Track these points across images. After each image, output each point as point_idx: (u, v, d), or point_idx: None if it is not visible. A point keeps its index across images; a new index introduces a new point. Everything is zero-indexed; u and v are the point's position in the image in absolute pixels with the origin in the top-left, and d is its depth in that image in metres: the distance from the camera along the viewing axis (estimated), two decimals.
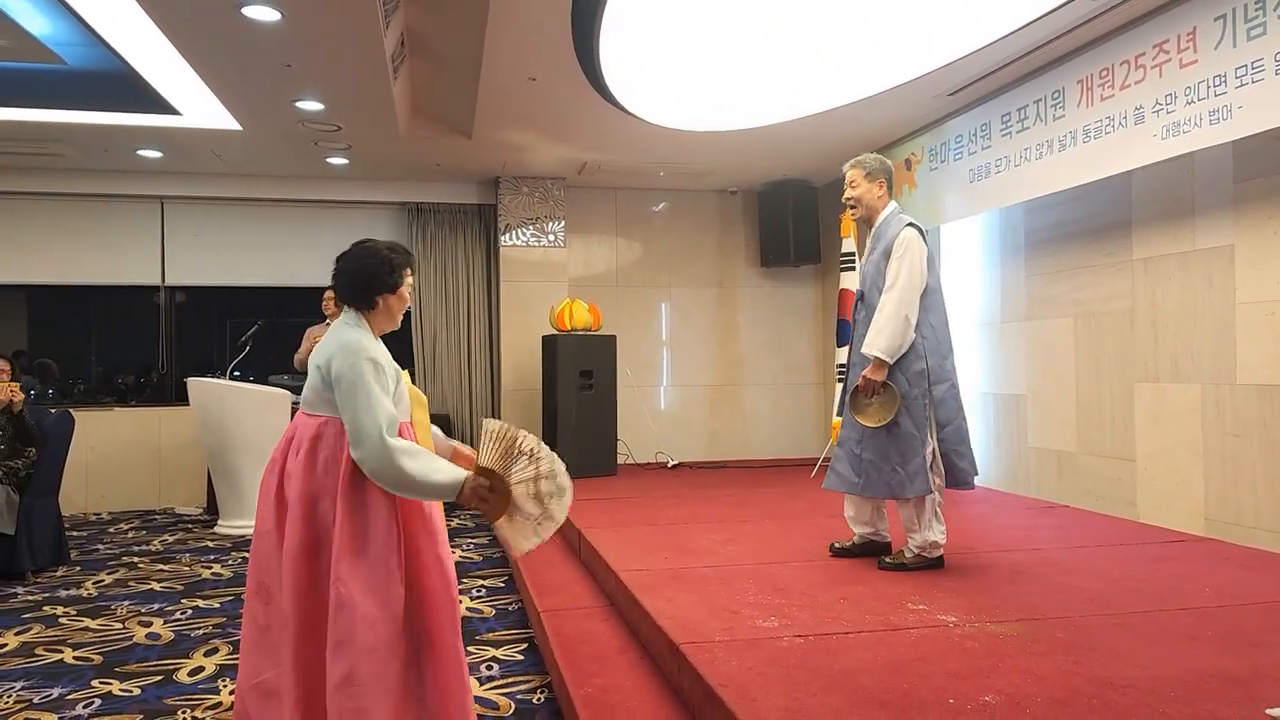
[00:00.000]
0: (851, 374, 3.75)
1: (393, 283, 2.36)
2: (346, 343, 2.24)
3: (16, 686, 3.31)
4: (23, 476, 5.09)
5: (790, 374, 8.52)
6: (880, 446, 3.58)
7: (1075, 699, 2.22)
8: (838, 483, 3.77)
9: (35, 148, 6.54)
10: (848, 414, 3.71)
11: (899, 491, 3.56)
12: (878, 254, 3.68)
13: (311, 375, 2.28)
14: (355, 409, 2.16)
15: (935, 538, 3.62)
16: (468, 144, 6.64)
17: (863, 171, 3.75)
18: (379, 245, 2.38)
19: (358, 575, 2.16)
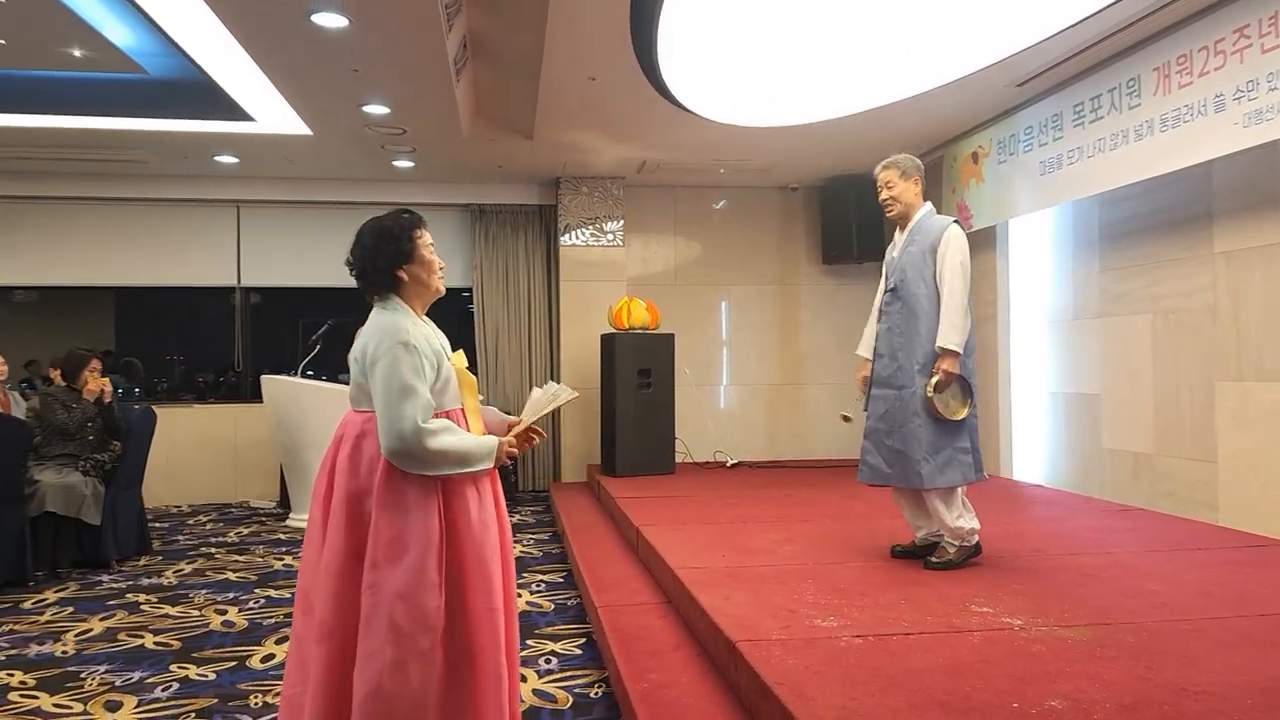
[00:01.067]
0: (878, 364, 3.77)
1: (404, 250, 2.18)
2: (379, 327, 2.12)
3: (100, 670, 3.46)
4: (109, 469, 5.32)
5: (854, 373, 8.37)
6: (915, 436, 3.56)
7: (1145, 705, 2.14)
8: (870, 475, 3.77)
9: (120, 154, 6.83)
10: (874, 405, 3.75)
11: (930, 482, 3.54)
12: (917, 250, 3.68)
13: (352, 369, 2.17)
14: (384, 395, 2.03)
15: (969, 525, 3.62)
16: (529, 145, 6.72)
17: (897, 172, 3.77)
18: (382, 218, 2.22)
19: (391, 583, 2.01)
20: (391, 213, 2.24)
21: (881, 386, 3.74)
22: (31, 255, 7.64)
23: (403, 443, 2.01)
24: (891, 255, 3.83)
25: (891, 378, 3.69)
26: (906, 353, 3.64)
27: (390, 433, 2.02)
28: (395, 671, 1.99)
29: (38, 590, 4.72)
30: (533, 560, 5.38)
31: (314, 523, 2.18)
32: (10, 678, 3.37)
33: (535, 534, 6.22)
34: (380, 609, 2.00)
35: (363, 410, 2.15)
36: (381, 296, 2.21)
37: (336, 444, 2.18)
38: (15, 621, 4.15)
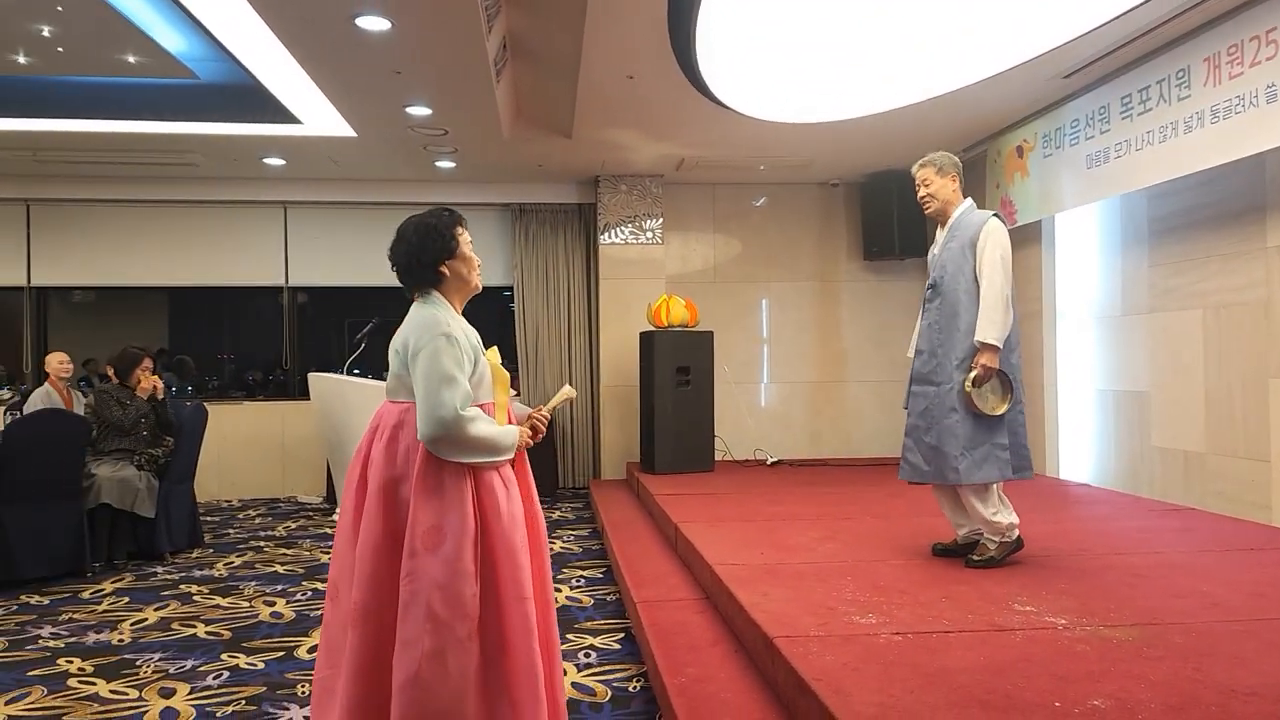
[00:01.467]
0: (918, 361, 3.75)
1: (449, 246, 2.24)
2: (422, 320, 2.16)
3: (155, 658, 3.57)
4: (162, 464, 5.48)
5: (896, 370, 8.29)
6: (951, 432, 3.53)
7: (1192, 705, 2.10)
8: (910, 473, 3.75)
9: (173, 158, 7.01)
10: (914, 402, 3.73)
11: (964, 478, 3.50)
12: (956, 245, 3.65)
13: (393, 362, 2.20)
14: (426, 384, 2.07)
15: (1006, 520, 3.59)
16: (568, 144, 6.76)
17: (933, 169, 3.75)
18: (421, 216, 2.26)
19: (430, 573, 2.04)
20: (433, 210, 2.28)
21: (921, 383, 3.72)
22: (89, 257, 7.89)
23: (444, 428, 2.05)
24: (933, 252, 3.82)
25: (931, 374, 3.67)
26: (945, 349, 3.62)
27: (431, 419, 2.05)
28: (433, 660, 2.02)
29: (96, 581, 4.87)
30: (573, 556, 5.42)
31: (345, 511, 2.22)
32: (69, 664, 3.49)
33: (575, 530, 6.27)
34: (419, 597, 2.03)
35: (399, 401, 2.19)
36: (423, 292, 2.25)
37: (372, 434, 2.22)
38: (74, 610, 4.29)
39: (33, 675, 3.38)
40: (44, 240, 7.85)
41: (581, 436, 8.19)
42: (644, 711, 2.94)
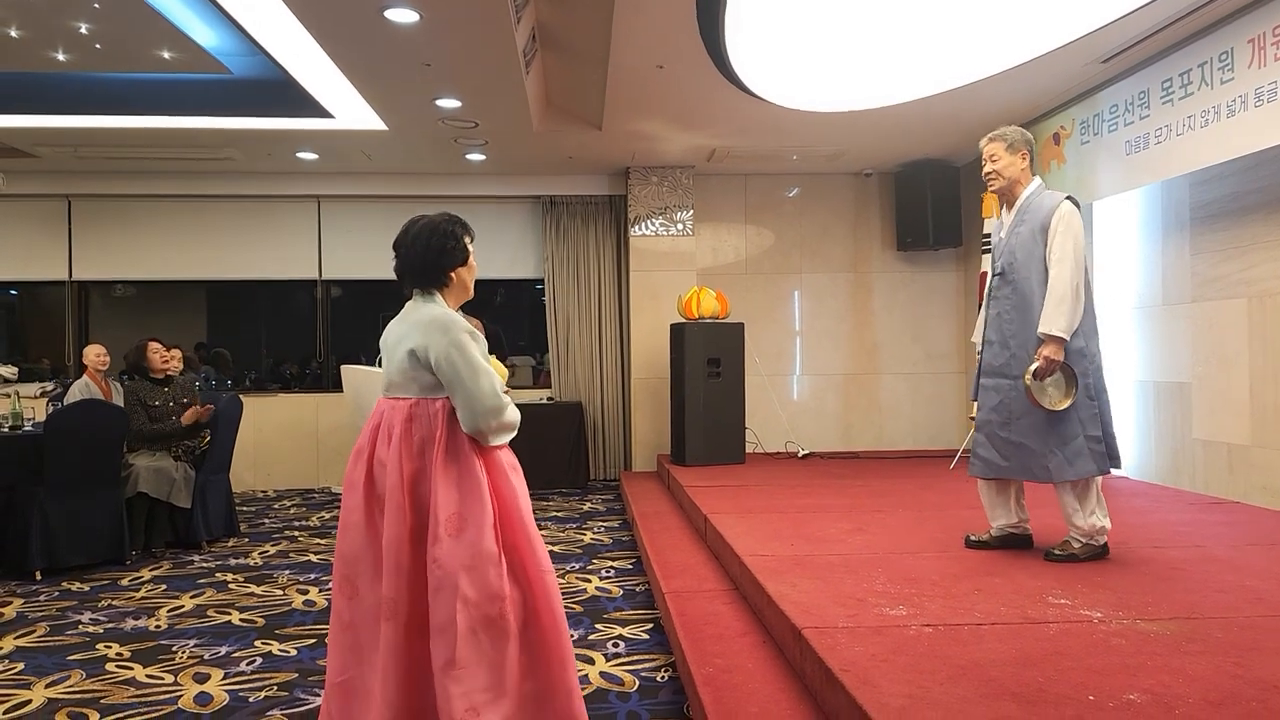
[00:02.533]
0: (988, 353, 3.59)
1: (462, 255, 2.31)
2: (438, 318, 2.20)
3: (190, 644, 3.63)
4: (198, 455, 5.57)
5: (930, 362, 8.22)
6: (1036, 428, 3.39)
7: (1232, 701, 2.04)
8: (983, 469, 3.59)
9: (209, 153, 7.12)
10: (986, 396, 3.57)
11: (1059, 475, 3.37)
12: (1026, 230, 3.48)
13: (400, 359, 2.21)
14: (468, 382, 2.14)
15: (1102, 523, 3.45)
16: (598, 135, 6.75)
17: (1004, 144, 3.56)
18: (435, 220, 2.31)
19: (455, 557, 2.10)
20: (446, 216, 2.32)
21: (993, 376, 3.55)
22: (129, 251, 8.04)
23: (496, 417, 2.15)
24: (998, 236, 3.63)
25: (1004, 367, 3.51)
26: (1019, 340, 3.46)
27: (478, 411, 2.14)
28: (468, 640, 2.08)
29: (134, 568, 4.97)
30: (603, 547, 5.42)
31: (352, 509, 2.22)
32: (108, 649, 3.56)
33: (606, 521, 6.27)
34: (447, 582, 2.09)
35: (405, 398, 2.22)
36: (426, 293, 2.29)
37: (374, 433, 2.23)
38: (114, 597, 4.38)
39: (73, 660, 3.45)
40: (85, 235, 8.01)
41: (612, 429, 8.20)
42: (672, 701, 2.93)
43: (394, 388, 2.24)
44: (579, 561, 5.03)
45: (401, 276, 2.31)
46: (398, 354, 2.22)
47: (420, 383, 2.19)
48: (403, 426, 2.19)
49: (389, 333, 2.31)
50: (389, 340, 2.29)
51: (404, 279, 2.31)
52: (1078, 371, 3.39)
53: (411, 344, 2.19)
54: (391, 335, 2.28)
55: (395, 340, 2.26)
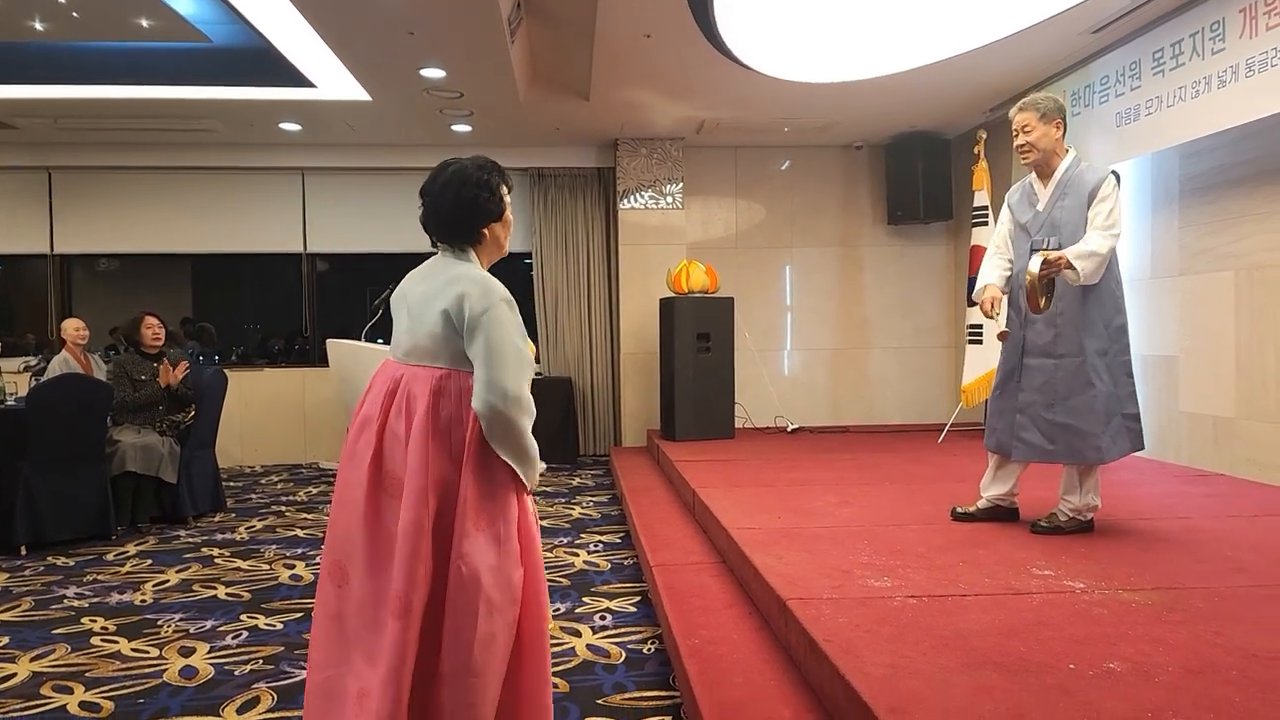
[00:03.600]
0: (1031, 331, 3.45)
1: (498, 209, 2.05)
2: (479, 279, 1.95)
3: (176, 618, 3.62)
4: (184, 430, 5.53)
5: (919, 337, 8.22)
6: (1086, 407, 3.33)
7: (1211, 669, 2.06)
8: (1028, 453, 3.45)
9: (190, 124, 7.01)
10: (1030, 376, 3.43)
11: (1098, 457, 3.33)
12: (1071, 204, 3.37)
13: (431, 321, 1.95)
14: (500, 353, 1.89)
15: (1094, 502, 3.47)
16: (586, 106, 6.68)
17: (1036, 113, 3.41)
18: (469, 167, 2.03)
19: (484, 557, 1.91)
20: (480, 162, 2.05)
21: (1038, 355, 3.42)
22: (111, 224, 7.93)
23: (514, 406, 1.89)
24: (1033, 210, 3.49)
25: (1050, 345, 3.39)
26: (1067, 317, 3.36)
27: (499, 393, 1.87)
28: (486, 646, 1.90)
29: (119, 543, 4.95)
30: (591, 522, 5.43)
31: (353, 485, 1.97)
32: (93, 623, 3.55)
33: (595, 496, 6.28)
34: (474, 581, 1.89)
35: (435, 366, 1.97)
36: (459, 249, 2.04)
37: (388, 401, 1.97)
38: (99, 571, 4.36)
39: (58, 634, 3.44)
40: (66, 208, 7.90)
41: (602, 404, 8.18)
42: (658, 673, 2.94)
43: (418, 353, 1.98)
44: (567, 536, 5.03)
45: (427, 227, 2.07)
46: (428, 315, 1.96)
47: (453, 350, 1.94)
48: (429, 400, 1.93)
49: (410, 290, 2.05)
50: (412, 298, 2.03)
51: (429, 230, 2.07)
52: (1117, 349, 3.37)
53: (445, 303, 1.93)
54: (416, 293, 2.03)
55: (422, 299, 1.99)
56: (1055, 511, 3.52)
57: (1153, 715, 1.82)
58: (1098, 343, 3.35)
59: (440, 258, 2.07)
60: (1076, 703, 1.89)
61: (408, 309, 2.04)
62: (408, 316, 2.03)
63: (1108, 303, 3.41)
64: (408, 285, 2.09)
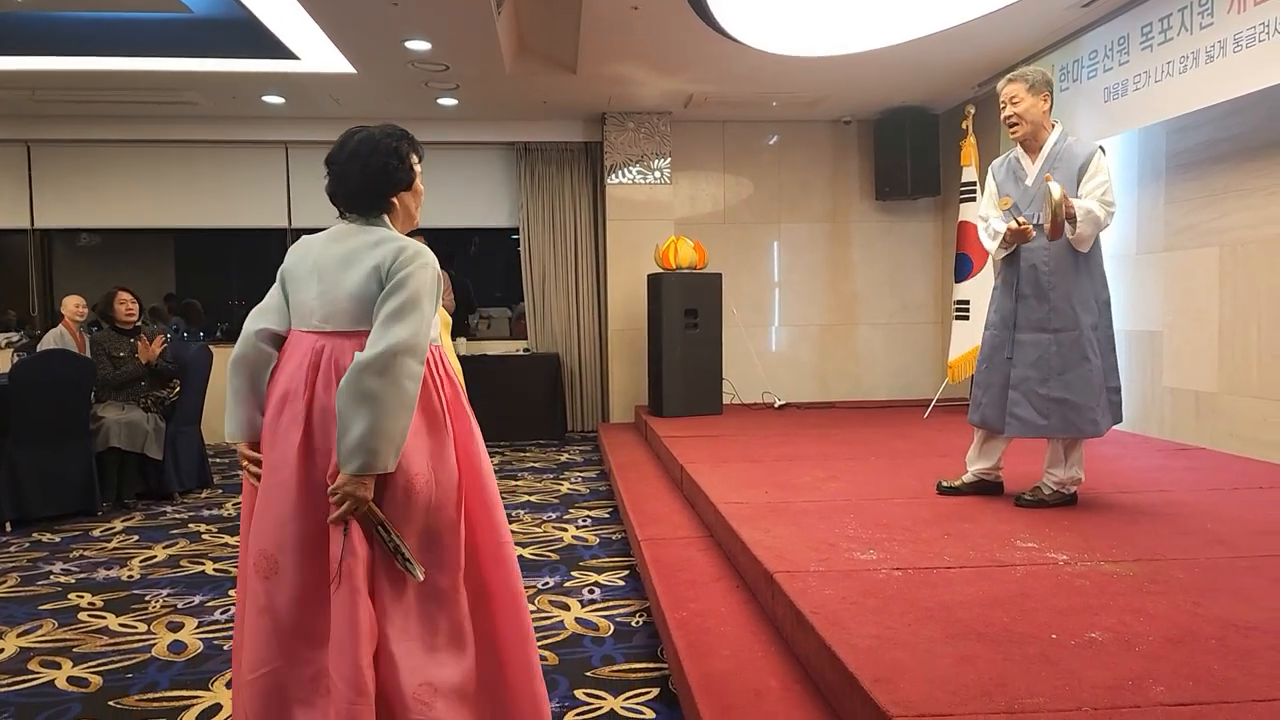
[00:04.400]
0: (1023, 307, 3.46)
1: (407, 178, 1.99)
2: (414, 244, 1.89)
3: (163, 593, 3.62)
4: (168, 406, 5.50)
5: (906, 312, 8.25)
6: (1081, 381, 3.35)
7: (1191, 639, 2.09)
8: (1021, 429, 3.45)
9: (171, 96, 6.91)
10: (1023, 352, 3.44)
11: (1094, 430, 3.36)
12: (1061, 176, 3.37)
13: (353, 284, 1.85)
14: (403, 302, 1.79)
15: (1078, 475, 3.51)
16: (573, 80, 6.62)
17: (1024, 85, 3.41)
18: (377, 135, 1.96)
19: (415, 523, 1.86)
20: (388, 130, 1.99)
21: (1031, 331, 3.42)
22: (93, 199, 7.83)
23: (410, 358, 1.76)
24: (1021, 185, 3.49)
25: (1044, 320, 3.39)
26: (1061, 291, 3.37)
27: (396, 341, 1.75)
28: (421, 611, 1.88)
29: (106, 519, 4.93)
30: (580, 497, 5.44)
31: (279, 467, 1.85)
32: (80, 599, 3.55)
33: (583, 472, 6.29)
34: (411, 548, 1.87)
35: (359, 330, 1.84)
36: (372, 219, 1.97)
37: (311, 375, 1.85)
38: (85, 548, 4.35)
39: (44, 609, 3.43)
40: (46, 182, 7.79)
41: (590, 380, 8.18)
42: (646, 645, 2.96)
43: (339, 318, 1.86)
44: (556, 511, 5.05)
45: (334, 197, 1.98)
46: (349, 276, 1.85)
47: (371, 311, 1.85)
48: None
49: (319, 254, 1.92)
50: (325, 261, 1.90)
51: (337, 200, 1.98)
52: (1104, 323, 3.42)
53: (375, 260, 1.84)
54: (329, 254, 1.90)
55: (341, 260, 1.88)
56: (1040, 485, 3.55)
57: (1133, 683, 1.85)
58: (1090, 317, 3.37)
59: (348, 228, 1.97)
60: (1059, 672, 1.92)
61: (318, 274, 1.90)
62: (318, 281, 1.90)
63: (1098, 277, 3.46)
64: (313, 250, 1.95)
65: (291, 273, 1.97)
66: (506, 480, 5.96)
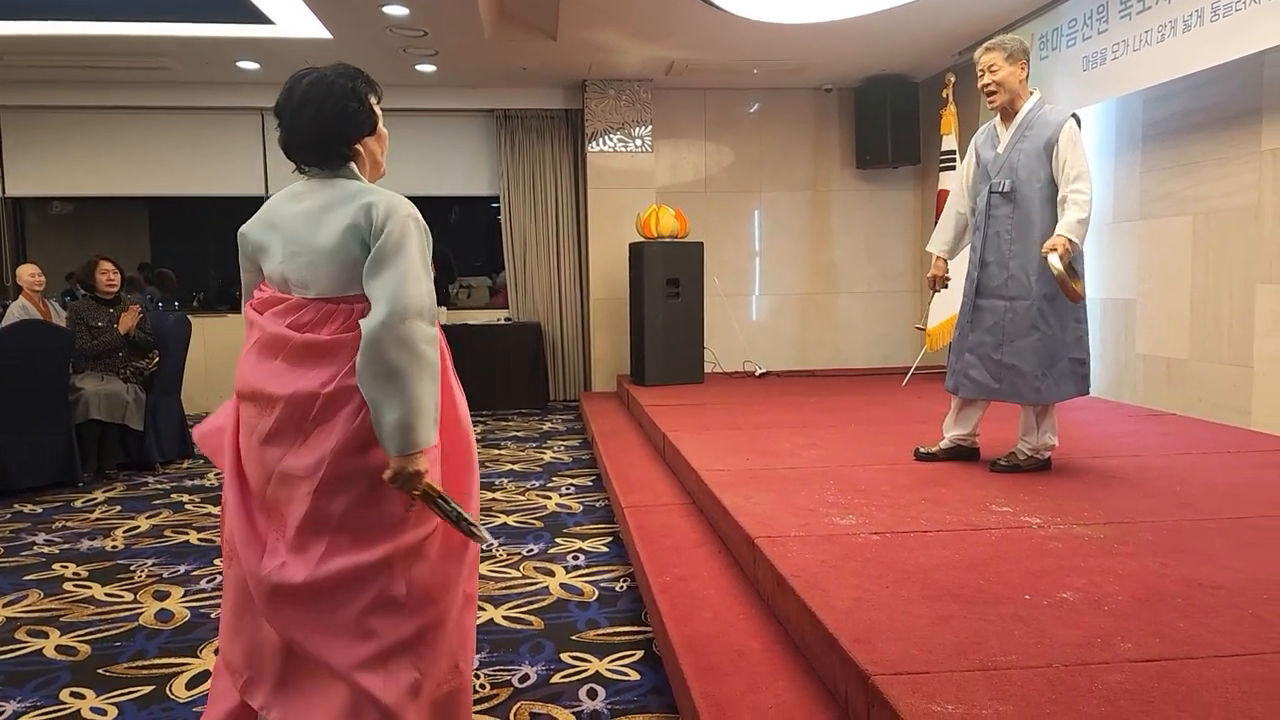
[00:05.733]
0: (984, 274, 3.51)
1: (370, 120, 1.80)
2: (388, 195, 1.72)
3: (148, 563, 3.63)
4: (147, 376, 5.47)
5: (886, 281, 8.30)
6: (1031, 350, 3.41)
7: (1158, 598, 2.16)
8: (974, 390, 3.55)
9: (143, 61, 6.78)
10: (980, 317, 3.51)
11: (1046, 397, 3.43)
12: (1029, 147, 3.41)
13: (330, 243, 1.69)
14: (409, 265, 1.66)
15: (1051, 441, 3.57)
16: (553, 46, 6.55)
17: (1003, 54, 3.42)
18: (330, 75, 1.77)
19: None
20: (339, 70, 1.79)
21: (989, 297, 3.50)
22: (65, 166, 7.70)
23: (425, 321, 1.66)
24: (994, 152, 3.51)
25: (1001, 288, 3.46)
26: (1020, 261, 3.41)
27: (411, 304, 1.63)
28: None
29: (87, 490, 4.92)
30: (563, 465, 5.48)
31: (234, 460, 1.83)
32: (65, 570, 3.55)
33: (565, 440, 6.33)
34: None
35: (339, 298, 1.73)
36: (333, 171, 1.79)
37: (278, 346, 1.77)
38: (67, 519, 4.34)
39: (29, 580, 3.44)
40: (17, 149, 7.65)
41: (572, 349, 8.19)
42: (630, 609, 3.02)
43: (317, 284, 1.72)
44: (539, 479, 5.08)
45: (289, 151, 1.79)
46: (321, 237, 1.70)
47: (353, 275, 1.71)
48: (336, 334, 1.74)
49: (281, 215, 1.77)
50: (291, 223, 1.74)
51: (292, 153, 1.79)
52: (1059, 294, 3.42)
53: (350, 217, 1.69)
54: (294, 215, 1.75)
55: (305, 220, 1.73)
56: (1014, 450, 3.63)
57: (1102, 641, 1.92)
58: (1047, 287, 3.40)
59: (311, 185, 1.79)
60: (1031, 630, 1.98)
61: (281, 237, 1.75)
62: (282, 243, 1.74)
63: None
64: (272, 213, 1.80)
65: (254, 238, 1.82)
66: (489, 449, 5.99)
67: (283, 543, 1.75)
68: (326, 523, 1.73)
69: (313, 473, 1.71)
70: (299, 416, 1.72)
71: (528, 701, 2.36)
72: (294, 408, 1.72)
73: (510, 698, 2.38)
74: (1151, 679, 1.74)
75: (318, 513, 1.72)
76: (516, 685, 2.45)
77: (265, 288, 1.85)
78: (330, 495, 1.72)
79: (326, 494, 1.71)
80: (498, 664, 2.59)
